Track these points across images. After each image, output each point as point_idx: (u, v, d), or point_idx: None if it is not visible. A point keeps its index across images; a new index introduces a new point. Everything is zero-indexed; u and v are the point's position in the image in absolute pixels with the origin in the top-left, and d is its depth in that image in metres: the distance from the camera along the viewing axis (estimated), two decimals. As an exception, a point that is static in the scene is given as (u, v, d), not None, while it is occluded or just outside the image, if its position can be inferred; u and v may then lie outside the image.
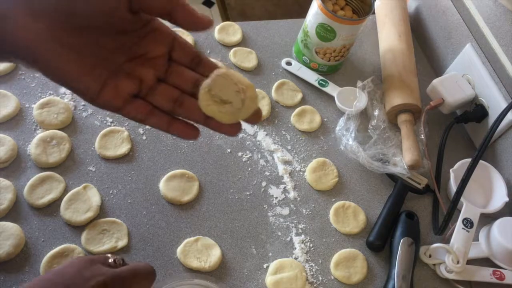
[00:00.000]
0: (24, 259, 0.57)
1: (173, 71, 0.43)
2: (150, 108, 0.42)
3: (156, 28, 0.42)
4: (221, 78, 0.42)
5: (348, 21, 0.75)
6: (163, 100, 0.43)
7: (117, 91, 0.40)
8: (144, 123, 0.43)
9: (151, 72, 0.42)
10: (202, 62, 0.44)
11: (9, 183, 0.61)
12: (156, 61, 0.42)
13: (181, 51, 0.44)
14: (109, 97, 0.40)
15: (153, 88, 0.42)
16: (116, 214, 0.63)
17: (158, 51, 0.42)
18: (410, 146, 0.73)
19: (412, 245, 0.65)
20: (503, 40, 0.74)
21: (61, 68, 0.36)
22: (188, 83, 0.43)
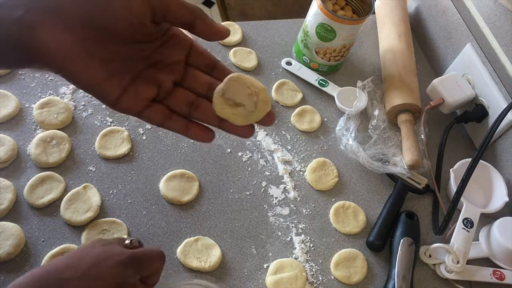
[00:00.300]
0: (24, 259, 0.57)
1: (189, 75, 0.45)
2: (168, 112, 0.44)
3: (174, 35, 0.44)
4: (234, 82, 0.43)
5: (348, 21, 0.75)
6: (180, 104, 0.44)
7: (137, 96, 0.42)
8: (163, 127, 0.44)
9: (169, 77, 0.44)
10: (217, 67, 0.46)
11: (9, 183, 0.61)
12: (174, 67, 0.44)
13: (198, 57, 0.45)
14: (129, 102, 0.41)
15: (170, 92, 0.44)
16: (116, 214, 0.63)
17: (176, 57, 0.44)
18: (410, 146, 0.73)
19: (412, 245, 0.65)
20: (503, 40, 0.74)
21: (85, 76, 0.38)
22: (203, 87, 0.45)
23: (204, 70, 0.46)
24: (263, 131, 0.75)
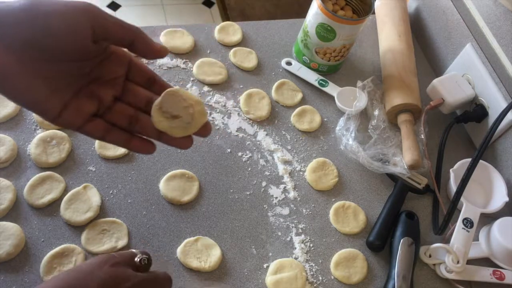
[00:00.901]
0: (24, 259, 0.57)
1: (129, 90, 0.47)
2: (108, 126, 0.46)
3: (113, 52, 0.46)
4: (170, 95, 0.46)
5: (348, 21, 0.75)
6: (119, 118, 0.46)
7: (77, 112, 0.44)
8: (104, 140, 0.47)
9: (109, 92, 0.46)
10: (156, 82, 0.48)
11: (9, 183, 0.61)
12: (114, 82, 0.46)
13: (137, 72, 0.47)
14: (70, 117, 0.43)
15: (110, 107, 0.46)
16: (116, 214, 0.63)
17: (116, 73, 0.46)
18: (410, 146, 0.73)
19: (412, 245, 0.65)
20: (503, 40, 0.74)
21: (26, 94, 0.39)
22: (142, 101, 0.47)
23: (144, 85, 0.48)
24: (263, 131, 0.75)
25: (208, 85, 0.78)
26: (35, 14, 0.37)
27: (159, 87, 0.48)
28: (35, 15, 0.37)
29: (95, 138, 0.46)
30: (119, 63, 0.46)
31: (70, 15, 0.39)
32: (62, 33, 0.38)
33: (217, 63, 0.80)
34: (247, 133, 0.74)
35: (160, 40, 0.81)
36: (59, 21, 0.38)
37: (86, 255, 0.58)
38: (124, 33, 0.42)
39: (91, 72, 0.44)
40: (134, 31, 0.43)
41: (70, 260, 0.57)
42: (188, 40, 0.81)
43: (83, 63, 0.43)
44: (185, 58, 0.80)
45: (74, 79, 0.43)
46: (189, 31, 0.83)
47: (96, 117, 0.45)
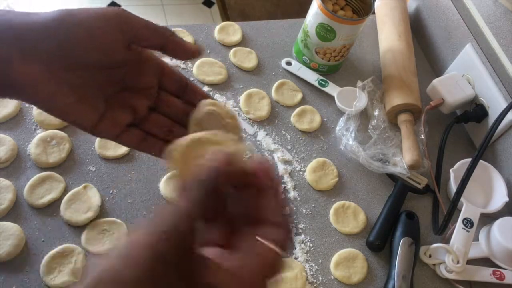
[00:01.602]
0: (24, 259, 0.57)
1: (163, 100, 0.46)
2: (144, 136, 0.45)
3: (146, 59, 0.44)
4: (210, 114, 0.45)
5: (348, 21, 0.75)
6: (156, 129, 0.46)
7: (114, 122, 0.43)
8: (138, 149, 0.46)
9: (143, 102, 0.45)
10: (188, 87, 0.47)
11: (9, 183, 0.61)
12: (147, 91, 0.45)
13: (170, 78, 0.46)
14: (107, 127, 0.43)
15: (146, 118, 0.45)
16: (116, 214, 0.63)
17: (149, 81, 0.45)
18: (410, 146, 0.73)
19: (412, 245, 0.65)
20: (503, 40, 0.74)
21: (59, 105, 0.39)
22: (178, 113, 0.46)
23: (176, 91, 0.47)
24: (263, 131, 0.75)
25: (208, 85, 0.78)
26: (64, 25, 0.37)
27: (192, 94, 0.47)
28: (64, 25, 0.37)
29: (130, 147, 0.46)
30: (152, 70, 0.45)
31: (99, 23, 0.38)
32: (92, 41, 0.38)
33: (217, 63, 0.80)
34: (247, 133, 0.74)
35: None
36: (88, 30, 0.38)
37: (86, 255, 0.58)
38: (155, 36, 0.41)
39: (123, 80, 0.43)
40: (165, 34, 0.42)
41: (70, 260, 0.57)
42: (188, 40, 0.81)
43: (115, 71, 0.42)
44: (185, 58, 0.80)
45: (107, 88, 0.42)
46: (189, 31, 0.83)
47: (132, 126, 0.45)
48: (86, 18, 0.38)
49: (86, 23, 0.38)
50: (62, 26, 0.37)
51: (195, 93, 0.47)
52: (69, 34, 0.37)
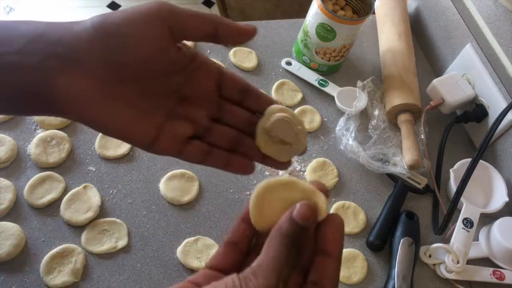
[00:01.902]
0: (25, 259, 0.57)
1: (225, 109, 0.42)
2: (207, 149, 0.41)
3: (201, 65, 0.40)
4: (281, 121, 0.41)
5: (348, 21, 0.75)
6: (220, 141, 0.42)
7: (174, 136, 0.39)
8: (203, 164, 0.42)
9: (203, 112, 0.41)
10: (250, 92, 0.42)
11: (9, 183, 0.61)
12: (207, 100, 0.41)
13: (229, 84, 0.42)
14: (167, 143, 0.39)
15: (209, 129, 0.41)
16: (116, 214, 0.63)
17: (208, 88, 0.41)
18: (410, 146, 0.73)
19: (412, 245, 0.65)
20: (503, 40, 0.74)
21: (116, 124, 0.35)
22: (242, 122, 0.42)
23: (237, 97, 0.42)
24: (263, 131, 0.75)
25: (208, 85, 0.78)
26: (106, 29, 0.33)
27: (254, 99, 0.42)
28: (106, 30, 0.33)
29: (195, 162, 0.41)
30: (210, 77, 0.41)
31: (140, 20, 0.34)
32: (136, 42, 0.34)
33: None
34: (247, 133, 0.74)
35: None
36: (130, 29, 0.33)
37: (86, 255, 0.58)
38: (204, 25, 0.36)
39: (179, 89, 0.39)
40: (214, 19, 0.37)
41: (70, 260, 0.57)
42: (188, 40, 0.81)
43: (169, 79, 0.38)
44: (185, 58, 0.80)
45: (163, 99, 0.38)
46: (189, 31, 0.83)
47: (194, 139, 0.41)
48: (125, 17, 0.34)
49: (126, 22, 0.34)
50: (104, 30, 0.33)
51: (259, 99, 0.42)
52: (112, 38, 0.33)
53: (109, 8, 2.07)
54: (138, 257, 0.60)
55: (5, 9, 1.95)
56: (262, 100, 0.42)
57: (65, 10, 2.02)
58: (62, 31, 0.33)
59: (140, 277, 0.59)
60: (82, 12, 2.03)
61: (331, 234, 0.32)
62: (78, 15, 2.01)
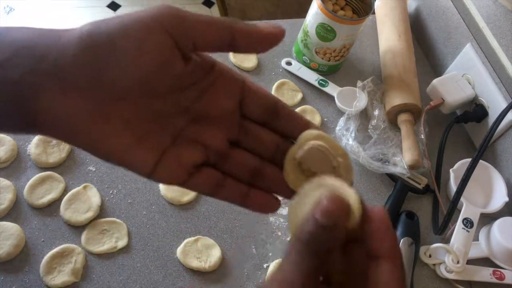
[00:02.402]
0: (24, 259, 0.57)
1: (247, 132, 0.34)
2: (220, 178, 0.34)
3: (220, 76, 0.33)
4: (316, 150, 0.33)
5: (348, 21, 0.75)
6: (237, 170, 0.34)
7: (178, 163, 0.32)
8: (214, 197, 0.34)
9: (219, 134, 0.34)
10: (280, 111, 0.34)
11: (9, 183, 0.61)
12: (224, 120, 0.34)
13: (253, 100, 0.34)
14: (169, 170, 0.32)
15: (224, 155, 0.34)
16: (116, 214, 0.63)
17: (226, 106, 0.33)
18: (410, 146, 0.73)
19: (412, 245, 0.65)
20: (503, 40, 0.74)
21: (103, 146, 0.30)
22: (268, 148, 0.34)
23: (263, 117, 0.34)
24: (263, 131, 0.75)
25: (208, 85, 0.78)
26: (96, 41, 0.28)
27: (285, 120, 0.34)
28: (96, 41, 0.28)
29: (204, 194, 0.34)
30: (229, 91, 0.33)
31: (138, 29, 0.28)
32: (133, 56, 0.28)
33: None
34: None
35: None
36: (125, 41, 0.27)
37: (86, 255, 0.58)
38: (218, 33, 0.29)
39: (191, 107, 0.32)
40: (229, 25, 0.30)
41: (70, 260, 0.57)
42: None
43: (178, 96, 0.31)
44: (185, 58, 0.80)
45: (169, 119, 0.32)
46: (189, 31, 0.83)
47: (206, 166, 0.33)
48: (120, 24, 0.28)
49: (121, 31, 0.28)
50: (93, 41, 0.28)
51: (291, 120, 0.34)
52: (103, 49, 0.28)
53: (109, 8, 2.07)
54: (138, 257, 0.60)
55: (5, 9, 1.95)
56: (295, 122, 0.34)
57: (65, 10, 2.02)
58: (48, 42, 0.28)
59: (140, 277, 0.59)
60: (82, 12, 2.03)
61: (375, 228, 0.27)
62: (78, 15, 2.02)
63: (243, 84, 0.34)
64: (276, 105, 0.34)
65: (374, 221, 0.27)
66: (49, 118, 0.28)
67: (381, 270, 0.26)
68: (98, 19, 0.30)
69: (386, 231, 0.27)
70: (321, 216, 0.25)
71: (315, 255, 0.25)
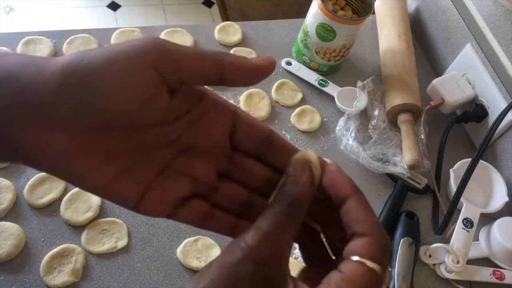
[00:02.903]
0: (24, 259, 0.57)
1: (238, 164, 0.34)
2: (209, 210, 0.33)
3: (210, 107, 0.32)
4: None
5: (348, 21, 0.75)
6: (227, 202, 0.34)
7: (164, 196, 0.32)
8: (202, 228, 0.34)
9: (208, 166, 0.33)
10: (273, 144, 0.33)
11: (9, 183, 0.61)
12: (214, 151, 0.33)
13: (245, 132, 0.33)
14: (154, 204, 0.32)
15: (213, 187, 0.33)
16: (116, 214, 0.63)
17: (216, 137, 0.33)
18: (410, 146, 0.73)
19: (412, 245, 0.65)
20: (503, 40, 0.74)
21: (87, 178, 0.29)
22: (259, 181, 0.34)
23: (255, 149, 0.33)
24: (263, 131, 0.75)
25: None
26: (78, 73, 0.27)
27: (277, 153, 0.33)
28: (78, 73, 0.27)
29: (193, 226, 0.33)
30: (219, 122, 0.32)
31: (122, 63, 0.27)
32: (116, 91, 0.27)
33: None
34: (247, 133, 0.74)
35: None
36: (108, 75, 0.27)
37: (86, 255, 0.58)
38: (205, 66, 0.29)
39: (179, 138, 0.31)
40: (218, 58, 0.29)
41: (70, 260, 0.57)
42: (188, 40, 0.82)
43: (165, 128, 0.30)
44: (185, 58, 0.80)
45: (154, 151, 0.31)
46: (189, 31, 0.83)
47: (193, 198, 0.33)
48: (101, 61, 0.27)
49: (104, 66, 0.27)
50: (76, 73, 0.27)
51: (283, 153, 0.33)
52: (80, 87, 0.27)
53: (109, 8, 2.07)
54: (138, 257, 0.60)
55: (5, 9, 1.95)
56: (288, 155, 0.32)
57: (65, 10, 2.02)
58: (32, 74, 0.27)
59: (140, 277, 0.59)
60: (82, 12, 2.03)
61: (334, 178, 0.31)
62: (78, 15, 2.02)
63: (235, 115, 0.33)
64: (269, 138, 0.33)
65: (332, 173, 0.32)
66: (32, 151, 0.28)
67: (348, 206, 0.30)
68: (98, 19, 0.29)
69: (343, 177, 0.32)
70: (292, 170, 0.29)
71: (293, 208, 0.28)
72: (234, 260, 0.26)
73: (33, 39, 0.74)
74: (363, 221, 0.30)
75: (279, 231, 0.27)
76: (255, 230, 0.27)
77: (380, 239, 0.29)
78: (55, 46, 0.75)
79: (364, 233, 0.29)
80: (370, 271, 0.27)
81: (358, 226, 0.29)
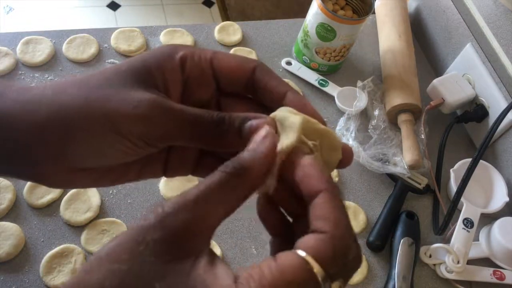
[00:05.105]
0: (24, 259, 0.57)
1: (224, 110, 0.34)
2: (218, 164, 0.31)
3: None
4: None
5: (348, 21, 0.75)
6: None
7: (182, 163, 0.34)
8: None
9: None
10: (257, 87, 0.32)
11: (9, 183, 0.61)
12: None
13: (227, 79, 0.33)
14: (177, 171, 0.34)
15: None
16: (116, 214, 0.62)
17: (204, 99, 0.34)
18: (410, 146, 0.73)
19: (412, 245, 0.65)
20: (503, 40, 0.74)
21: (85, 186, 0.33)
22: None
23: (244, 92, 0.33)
24: (263, 131, 0.75)
25: (208, 85, 0.78)
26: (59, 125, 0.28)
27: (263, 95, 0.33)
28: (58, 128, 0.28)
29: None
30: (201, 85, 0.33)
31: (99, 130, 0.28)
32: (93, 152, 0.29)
33: None
34: (247, 133, 0.74)
35: (160, 41, 0.81)
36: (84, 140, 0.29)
37: (86, 255, 0.58)
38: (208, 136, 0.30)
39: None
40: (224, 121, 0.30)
41: (70, 260, 0.57)
42: (188, 40, 0.81)
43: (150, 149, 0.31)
44: (185, 58, 0.80)
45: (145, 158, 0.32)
46: (189, 31, 0.83)
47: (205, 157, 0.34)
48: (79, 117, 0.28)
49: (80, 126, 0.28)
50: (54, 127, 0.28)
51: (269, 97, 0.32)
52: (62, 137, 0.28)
53: (109, 8, 2.07)
54: (138, 257, 0.60)
55: (5, 9, 1.95)
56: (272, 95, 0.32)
57: (65, 10, 2.02)
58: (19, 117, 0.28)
59: (140, 277, 0.58)
60: (82, 12, 2.03)
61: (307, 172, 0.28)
62: (78, 15, 2.01)
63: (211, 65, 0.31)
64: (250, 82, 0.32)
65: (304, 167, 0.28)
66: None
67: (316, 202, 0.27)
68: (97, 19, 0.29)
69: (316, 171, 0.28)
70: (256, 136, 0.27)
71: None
72: (145, 224, 0.24)
73: (33, 39, 0.74)
74: (325, 218, 0.27)
75: (205, 201, 0.25)
76: (180, 196, 0.25)
77: (339, 241, 0.26)
78: (55, 46, 0.75)
79: (323, 231, 0.26)
80: (305, 269, 0.23)
81: (318, 222, 0.26)
